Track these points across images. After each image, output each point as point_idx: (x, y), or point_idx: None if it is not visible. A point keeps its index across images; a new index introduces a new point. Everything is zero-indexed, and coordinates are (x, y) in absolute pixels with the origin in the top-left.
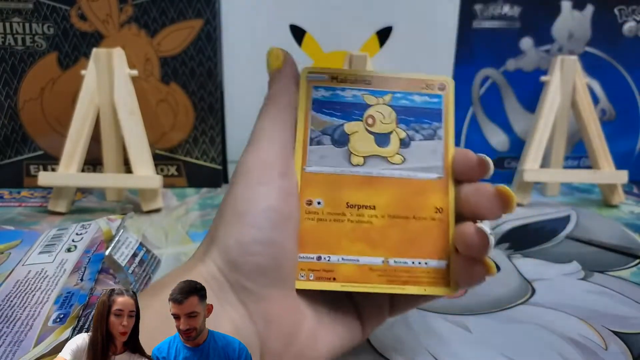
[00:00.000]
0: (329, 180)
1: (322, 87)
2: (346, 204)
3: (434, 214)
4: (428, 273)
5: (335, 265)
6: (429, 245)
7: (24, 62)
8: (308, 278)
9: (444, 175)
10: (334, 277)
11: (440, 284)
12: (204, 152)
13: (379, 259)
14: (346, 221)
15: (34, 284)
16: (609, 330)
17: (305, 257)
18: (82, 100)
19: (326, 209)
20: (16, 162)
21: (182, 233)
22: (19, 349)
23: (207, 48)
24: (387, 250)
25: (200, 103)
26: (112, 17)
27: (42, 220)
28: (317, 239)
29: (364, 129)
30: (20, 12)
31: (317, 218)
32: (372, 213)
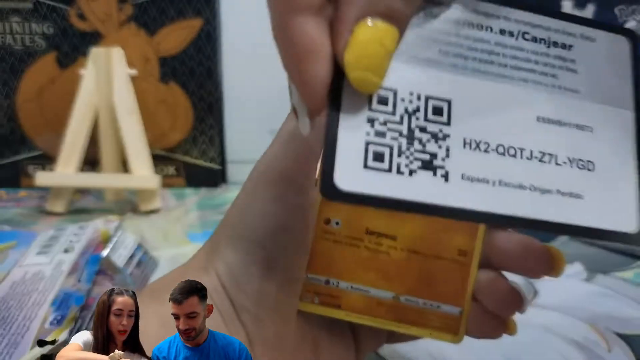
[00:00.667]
0: None
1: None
2: (366, 229)
3: (457, 256)
4: (438, 317)
5: (343, 292)
6: (445, 289)
7: (22, 62)
8: (312, 301)
9: None
10: (339, 305)
11: (448, 330)
12: (203, 152)
13: (389, 294)
14: (363, 247)
15: (31, 286)
16: (612, 332)
17: (313, 278)
18: (80, 100)
19: (344, 231)
20: (14, 162)
21: (180, 234)
22: (15, 351)
23: (206, 47)
24: (400, 286)
25: (199, 103)
26: (111, 16)
27: (39, 221)
28: (329, 261)
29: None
30: (20, 12)
31: (332, 239)
32: (391, 244)
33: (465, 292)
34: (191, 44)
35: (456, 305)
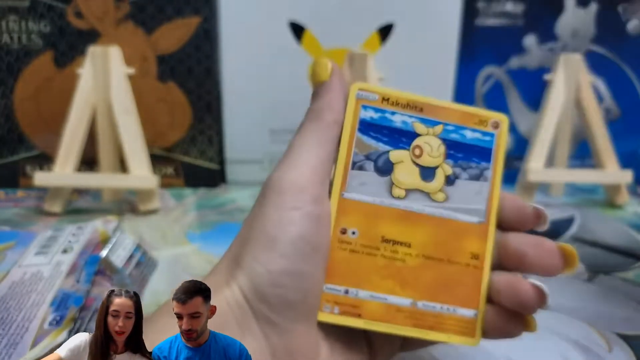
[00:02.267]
0: (366, 210)
1: (372, 107)
2: (382, 237)
3: (469, 259)
4: (455, 321)
5: (363, 302)
6: (459, 292)
7: (19, 61)
8: (332, 311)
9: (485, 220)
10: (359, 314)
11: (465, 333)
12: (201, 152)
13: (407, 300)
14: (379, 256)
15: (30, 286)
16: (613, 333)
17: (332, 288)
18: (78, 99)
19: (360, 240)
20: (12, 162)
21: (179, 234)
22: (14, 352)
23: (205, 46)
24: (417, 291)
25: (198, 102)
26: (108, 14)
27: (38, 221)
28: (347, 271)
29: (410, 159)
30: (16, 10)
31: (349, 249)
32: (406, 251)
33: (479, 295)
34: (189, 43)
35: (471, 308)
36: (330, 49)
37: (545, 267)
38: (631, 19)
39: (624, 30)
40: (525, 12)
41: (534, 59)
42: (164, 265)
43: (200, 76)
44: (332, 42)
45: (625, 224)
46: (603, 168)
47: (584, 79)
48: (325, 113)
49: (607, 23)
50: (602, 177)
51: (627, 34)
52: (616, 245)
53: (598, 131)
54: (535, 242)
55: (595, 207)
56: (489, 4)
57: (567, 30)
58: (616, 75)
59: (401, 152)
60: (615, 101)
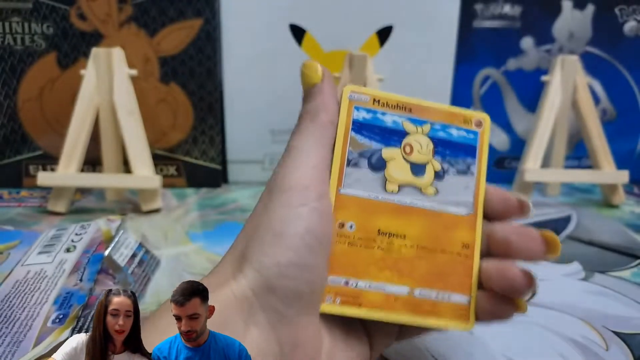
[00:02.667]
0: (362, 204)
1: (363, 108)
2: (377, 230)
3: (460, 249)
4: (450, 307)
5: (363, 292)
6: (453, 280)
7: (23, 62)
8: (335, 302)
9: (473, 211)
10: (360, 303)
11: (460, 318)
12: (203, 152)
13: (405, 289)
14: (376, 248)
15: (33, 285)
16: (610, 331)
17: (334, 280)
18: (81, 100)
19: (357, 233)
20: (15, 162)
21: (181, 233)
22: (18, 350)
23: (206, 47)
24: (413, 280)
25: (199, 103)
26: (111, 16)
27: (41, 221)
28: (346, 263)
29: (401, 156)
30: (20, 12)
31: (348, 242)
32: (402, 242)
33: (471, 282)
34: (191, 44)
35: (464, 294)
36: (330, 51)
37: (530, 253)
38: (628, 21)
39: (620, 31)
40: (522, 14)
41: (531, 61)
42: (166, 264)
43: (201, 77)
44: (332, 44)
45: (621, 223)
46: (599, 168)
47: (581, 80)
48: (321, 114)
49: (604, 25)
50: (599, 177)
51: (623, 36)
52: (613, 245)
53: (594, 132)
54: (520, 230)
55: (591, 207)
56: (487, 6)
57: (564, 33)
58: (612, 76)
59: (393, 149)
60: (612, 102)
